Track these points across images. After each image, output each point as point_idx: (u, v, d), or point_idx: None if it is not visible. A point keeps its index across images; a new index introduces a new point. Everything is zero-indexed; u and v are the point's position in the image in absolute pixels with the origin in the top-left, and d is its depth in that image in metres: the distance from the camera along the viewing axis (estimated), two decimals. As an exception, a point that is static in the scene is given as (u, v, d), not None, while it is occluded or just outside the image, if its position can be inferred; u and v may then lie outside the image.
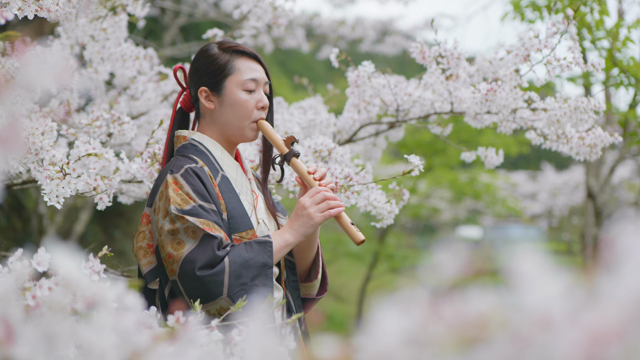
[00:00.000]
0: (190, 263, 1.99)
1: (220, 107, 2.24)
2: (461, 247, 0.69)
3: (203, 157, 2.21)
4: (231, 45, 2.27)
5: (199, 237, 2.01)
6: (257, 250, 2.07)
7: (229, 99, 2.23)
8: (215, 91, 2.24)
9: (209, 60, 2.26)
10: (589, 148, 3.05)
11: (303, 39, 8.49)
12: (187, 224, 2.01)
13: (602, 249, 0.61)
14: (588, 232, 6.40)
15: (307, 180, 2.24)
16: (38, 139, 2.24)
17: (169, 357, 0.89)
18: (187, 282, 2.00)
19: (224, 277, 1.99)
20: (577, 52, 2.94)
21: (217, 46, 2.28)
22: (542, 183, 19.74)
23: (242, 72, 2.24)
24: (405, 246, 16.51)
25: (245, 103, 2.23)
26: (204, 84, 2.25)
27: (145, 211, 2.17)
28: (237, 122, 2.25)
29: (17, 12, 2.17)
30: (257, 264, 2.05)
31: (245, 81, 2.23)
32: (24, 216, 7.07)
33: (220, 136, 2.28)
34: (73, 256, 0.94)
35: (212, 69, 2.24)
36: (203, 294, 1.98)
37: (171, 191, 2.05)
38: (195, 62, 2.30)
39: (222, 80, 2.23)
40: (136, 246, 2.15)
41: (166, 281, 2.10)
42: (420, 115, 3.46)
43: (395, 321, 0.63)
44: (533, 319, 0.57)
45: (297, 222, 2.16)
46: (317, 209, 2.16)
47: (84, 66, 3.34)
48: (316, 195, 2.17)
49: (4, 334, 0.82)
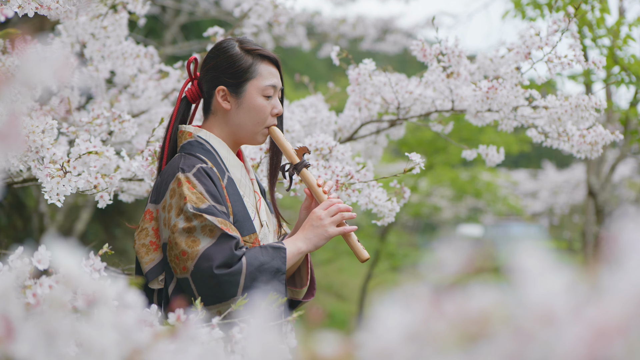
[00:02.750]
0: (208, 260, 1.98)
1: (237, 109, 2.23)
2: (463, 244, 0.69)
3: (210, 156, 2.19)
4: (254, 48, 2.24)
5: (216, 236, 2.01)
6: (272, 255, 2.07)
7: (248, 103, 2.22)
8: (234, 93, 2.22)
9: (231, 59, 2.22)
10: (590, 146, 3.05)
11: (304, 37, 8.49)
12: (205, 222, 2.01)
13: (604, 246, 0.61)
14: (589, 230, 6.39)
15: (317, 193, 2.25)
16: (38, 137, 2.24)
17: (169, 354, 0.89)
18: (201, 280, 1.99)
19: (240, 277, 1.99)
20: (578, 50, 2.94)
21: (238, 45, 2.25)
22: (543, 181, 19.73)
23: (264, 77, 2.23)
24: (406, 244, 16.50)
25: (264, 109, 2.23)
26: (224, 83, 2.22)
27: (149, 208, 2.15)
28: (251, 127, 2.24)
29: (17, 9, 2.16)
30: (272, 269, 2.05)
31: (266, 87, 2.22)
32: (24, 214, 7.07)
33: (230, 136, 2.26)
34: (73, 254, 0.94)
35: (234, 69, 2.22)
36: (216, 293, 1.98)
37: (186, 189, 2.04)
38: (214, 58, 2.26)
39: (243, 83, 2.21)
40: (138, 243, 2.13)
41: (171, 279, 2.09)
42: (421, 113, 3.46)
43: (396, 317, 0.63)
44: (536, 315, 0.57)
45: (311, 232, 2.17)
46: (332, 221, 2.17)
47: (85, 64, 3.34)
48: (330, 207, 2.18)
49: (4, 331, 0.82)
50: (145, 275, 2.11)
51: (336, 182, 2.64)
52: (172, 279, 2.09)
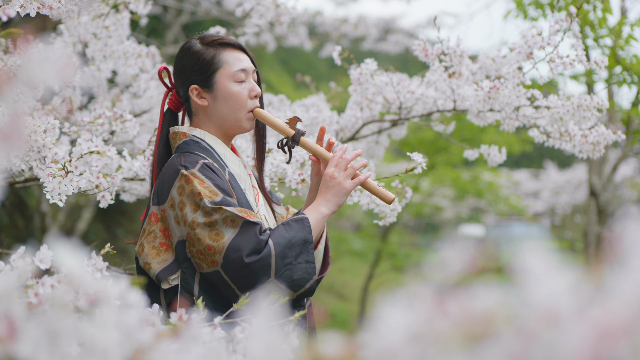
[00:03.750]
0: (236, 251, 1.99)
1: (214, 102, 2.24)
2: (466, 243, 0.69)
3: (207, 154, 2.19)
4: (214, 38, 2.26)
5: (239, 225, 2.01)
6: (296, 228, 2.08)
7: (222, 92, 2.23)
8: (206, 87, 2.23)
9: (194, 57, 2.24)
10: (592, 146, 3.05)
11: (305, 37, 8.49)
12: (225, 213, 2.01)
13: (607, 245, 0.61)
14: (590, 230, 6.38)
15: (322, 155, 2.25)
16: (40, 136, 2.24)
17: (172, 354, 0.89)
18: (234, 270, 1.99)
19: (271, 260, 1.99)
20: (580, 50, 2.93)
21: (199, 42, 2.27)
22: (545, 181, 19.71)
23: (231, 64, 2.24)
24: (407, 244, 16.49)
25: (239, 94, 2.23)
26: (194, 82, 2.24)
27: (152, 210, 2.15)
28: (233, 115, 2.25)
29: (19, 9, 2.16)
30: (299, 242, 2.05)
31: (235, 72, 2.23)
32: (26, 214, 7.08)
33: (218, 131, 2.27)
34: (75, 254, 0.94)
35: (199, 66, 2.23)
36: (251, 280, 1.98)
37: (197, 185, 2.05)
38: (180, 62, 2.28)
39: (211, 76, 2.23)
40: (147, 246, 2.11)
41: (192, 275, 2.08)
42: (422, 113, 3.46)
43: (400, 318, 0.62)
44: (540, 315, 0.57)
45: (329, 192, 2.16)
46: (346, 175, 2.16)
47: (87, 64, 3.34)
48: (340, 162, 2.18)
49: (7, 331, 0.82)
50: (156, 276, 2.10)
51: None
52: (195, 275, 2.08)
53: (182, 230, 2.05)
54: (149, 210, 2.16)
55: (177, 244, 2.08)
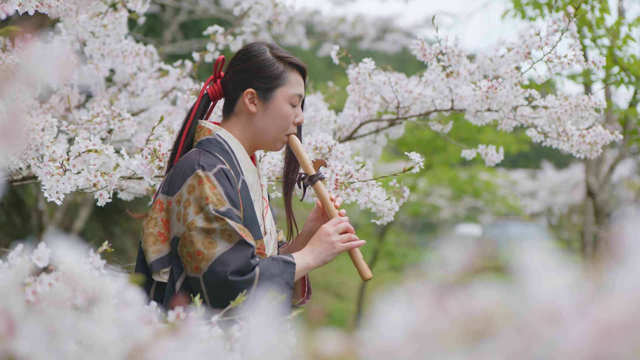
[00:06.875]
0: (223, 265, 1.99)
1: (262, 113, 2.24)
2: (465, 242, 0.69)
3: (227, 157, 2.18)
4: (286, 55, 2.27)
5: (234, 242, 2.02)
6: (282, 268, 2.10)
7: (275, 109, 2.24)
8: (262, 97, 2.23)
9: (263, 64, 2.24)
10: (590, 146, 3.05)
11: (303, 36, 8.49)
12: (226, 226, 2.02)
13: (606, 244, 0.61)
14: (588, 230, 6.39)
15: (329, 208, 2.29)
16: (38, 135, 2.24)
17: (170, 352, 0.89)
18: (213, 283, 2.00)
19: (252, 287, 2.01)
20: (577, 50, 2.94)
21: (269, 51, 2.27)
22: (542, 181, 19.74)
23: (292, 86, 2.25)
24: (404, 244, 16.50)
25: (289, 117, 2.25)
26: (254, 86, 2.24)
27: (159, 198, 2.14)
28: (274, 132, 2.26)
29: (17, 7, 2.16)
30: (281, 283, 2.07)
31: (293, 95, 2.25)
32: (23, 212, 7.07)
33: (249, 139, 2.27)
34: (73, 251, 0.94)
35: (266, 74, 2.23)
36: (227, 298, 1.96)
37: (207, 189, 2.05)
38: (245, 61, 2.27)
39: (273, 89, 2.23)
40: (146, 232, 2.12)
41: (179, 274, 2.09)
42: (420, 113, 3.46)
43: (399, 316, 0.62)
44: (540, 313, 0.57)
45: (319, 247, 2.20)
46: (340, 238, 2.21)
47: (85, 62, 3.34)
48: (339, 224, 2.22)
49: (5, 328, 0.82)
50: (150, 265, 2.10)
51: (335, 181, 2.64)
52: (181, 275, 2.08)
53: (180, 228, 2.05)
54: (157, 197, 2.16)
55: (172, 239, 2.09)
